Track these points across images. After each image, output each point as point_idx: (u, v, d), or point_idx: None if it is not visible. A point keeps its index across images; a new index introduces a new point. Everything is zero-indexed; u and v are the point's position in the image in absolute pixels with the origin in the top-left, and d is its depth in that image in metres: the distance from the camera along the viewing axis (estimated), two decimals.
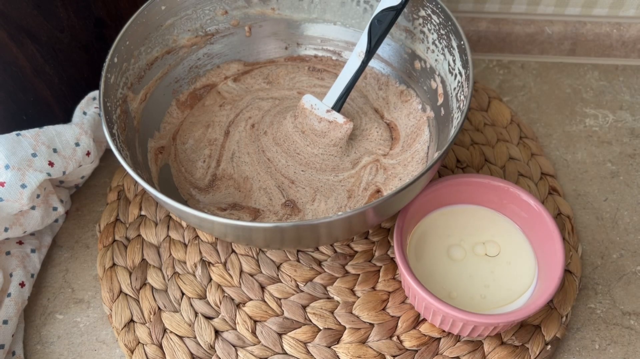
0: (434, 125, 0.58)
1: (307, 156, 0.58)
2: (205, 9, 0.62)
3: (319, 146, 0.58)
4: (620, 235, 0.59)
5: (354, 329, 0.53)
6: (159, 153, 0.59)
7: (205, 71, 0.65)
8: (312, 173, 0.57)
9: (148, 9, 0.57)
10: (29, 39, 0.56)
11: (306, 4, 0.64)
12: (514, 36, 0.73)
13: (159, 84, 0.61)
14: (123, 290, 0.57)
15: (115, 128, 0.51)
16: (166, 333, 0.54)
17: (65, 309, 0.57)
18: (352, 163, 0.58)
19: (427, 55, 0.58)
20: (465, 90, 0.51)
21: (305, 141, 0.58)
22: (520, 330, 0.52)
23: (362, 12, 0.63)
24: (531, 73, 0.74)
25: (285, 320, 0.54)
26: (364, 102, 0.63)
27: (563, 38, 0.72)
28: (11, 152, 0.53)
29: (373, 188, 0.56)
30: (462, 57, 0.52)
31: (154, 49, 0.59)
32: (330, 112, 0.57)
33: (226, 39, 0.65)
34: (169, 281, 0.57)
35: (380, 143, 0.59)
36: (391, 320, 0.53)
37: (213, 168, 0.59)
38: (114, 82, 0.53)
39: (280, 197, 0.56)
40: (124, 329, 0.54)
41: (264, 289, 0.56)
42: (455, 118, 0.52)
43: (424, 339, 0.52)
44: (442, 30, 0.55)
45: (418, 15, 0.57)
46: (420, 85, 0.61)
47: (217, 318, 0.54)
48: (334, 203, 0.55)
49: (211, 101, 0.64)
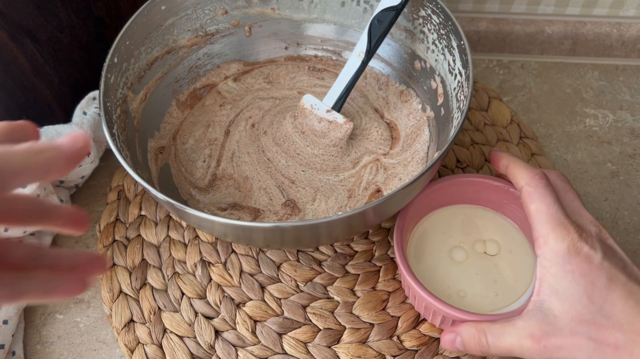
0: (434, 125, 0.58)
1: (307, 156, 0.58)
2: (205, 8, 0.62)
3: (319, 146, 0.58)
4: (620, 235, 0.59)
5: (354, 329, 0.53)
6: (159, 153, 0.59)
7: (205, 71, 0.65)
8: (313, 173, 0.57)
9: (148, 9, 0.57)
10: (29, 39, 0.56)
11: (306, 4, 0.64)
12: (514, 36, 0.73)
13: (159, 84, 0.61)
14: (123, 290, 0.57)
15: (115, 128, 0.51)
16: (166, 333, 0.54)
17: (65, 309, 0.57)
18: (353, 162, 0.58)
19: (427, 55, 0.59)
20: (465, 90, 0.51)
21: (305, 141, 0.58)
22: None
23: (362, 12, 0.63)
24: (531, 73, 0.74)
25: (285, 320, 0.54)
26: (364, 102, 0.63)
27: (563, 38, 0.72)
28: None
29: (373, 187, 0.57)
30: (462, 57, 0.52)
31: (154, 49, 0.59)
32: (330, 112, 0.58)
33: (226, 38, 0.65)
34: (169, 281, 0.57)
35: (381, 142, 0.60)
36: (391, 320, 0.53)
37: (213, 168, 0.59)
38: (114, 82, 0.53)
39: (281, 197, 0.56)
40: (124, 329, 0.54)
41: (264, 289, 0.56)
42: (455, 118, 0.52)
43: (424, 339, 0.52)
44: (442, 30, 0.55)
45: (418, 15, 0.57)
46: (420, 85, 0.61)
47: (217, 318, 0.54)
48: (335, 202, 0.55)
49: (211, 101, 0.64)
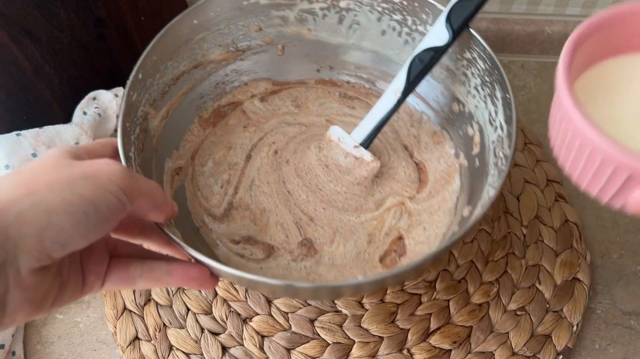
0: (466, 175, 0.55)
1: (330, 193, 0.56)
2: (238, 24, 0.59)
3: (343, 183, 0.55)
4: (620, 235, 0.60)
5: (363, 343, 0.53)
6: (175, 174, 0.57)
7: (232, 88, 0.63)
8: (333, 211, 0.55)
9: (179, 23, 0.54)
10: (29, 39, 0.55)
11: (344, 29, 0.61)
12: (514, 36, 0.73)
13: (182, 100, 0.58)
14: (127, 307, 0.55)
15: (133, 150, 0.48)
16: (172, 350, 0.53)
17: (65, 309, 0.56)
18: (376, 204, 0.55)
19: (466, 98, 0.55)
20: (505, 148, 0.47)
21: (329, 176, 0.56)
22: (531, 340, 0.52)
23: (402, 44, 0.59)
24: (531, 73, 0.74)
25: (293, 335, 0.53)
26: (395, 138, 0.60)
27: (563, 38, 0.70)
28: (11, 152, 0.52)
29: (395, 234, 0.54)
30: (505, 111, 0.49)
31: (181, 64, 0.56)
32: (357, 148, 0.55)
33: (257, 56, 0.62)
34: (174, 297, 0.56)
35: (408, 184, 0.57)
36: (401, 333, 0.53)
37: (230, 196, 0.57)
38: (136, 100, 0.51)
39: (298, 235, 0.54)
40: (129, 347, 0.53)
41: (270, 303, 0.55)
42: (491, 174, 0.49)
43: (435, 351, 0.52)
44: (487, 77, 0.51)
45: (462, 56, 0.54)
46: (456, 129, 0.58)
47: (224, 333, 0.54)
48: (353, 246, 0.53)
49: (235, 120, 0.62)
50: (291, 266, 0.52)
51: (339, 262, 0.53)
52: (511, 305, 0.54)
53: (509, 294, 0.55)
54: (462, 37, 0.52)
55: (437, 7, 0.53)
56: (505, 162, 0.46)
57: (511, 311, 0.54)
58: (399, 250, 0.53)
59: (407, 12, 0.56)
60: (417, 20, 0.56)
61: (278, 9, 0.59)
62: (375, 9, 0.58)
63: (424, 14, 0.55)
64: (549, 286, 0.55)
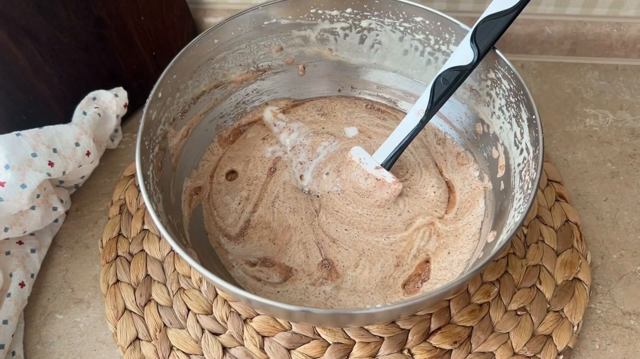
0: (490, 198, 0.54)
1: (349, 215, 0.54)
2: (260, 43, 0.59)
3: (363, 206, 0.55)
4: (620, 235, 0.60)
5: (364, 344, 0.52)
6: (194, 194, 0.57)
7: (253, 107, 0.63)
8: (359, 233, 0.53)
9: (200, 42, 0.54)
10: (29, 39, 0.56)
11: (366, 49, 0.61)
12: (514, 36, 0.73)
13: (202, 119, 0.58)
14: (127, 307, 0.55)
15: (151, 168, 0.48)
16: (173, 350, 0.53)
17: (65, 309, 0.56)
18: (405, 223, 0.54)
19: (491, 120, 0.55)
20: (531, 172, 0.46)
21: (345, 200, 0.55)
22: (532, 340, 0.52)
23: (425, 64, 0.59)
24: (531, 73, 0.74)
25: (293, 335, 0.53)
26: (426, 153, 0.59)
27: (563, 38, 0.72)
28: (11, 152, 0.52)
29: (423, 256, 0.53)
30: (531, 133, 0.48)
31: (201, 83, 0.57)
32: (379, 169, 0.54)
33: (278, 75, 0.62)
34: (174, 297, 0.56)
35: (437, 204, 0.55)
36: (401, 333, 0.53)
37: (247, 213, 0.56)
38: (156, 118, 0.50)
39: (318, 256, 0.53)
40: (129, 347, 0.53)
41: None
42: (517, 199, 0.48)
43: (435, 352, 0.52)
44: (512, 98, 0.51)
45: (487, 76, 0.53)
46: (480, 150, 0.57)
47: (224, 334, 0.54)
48: (380, 271, 0.52)
49: (254, 134, 0.61)
50: (309, 290, 0.52)
51: (361, 288, 0.52)
52: (512, 305, 0.54)
53: (510, 294, 0.55)
54: (487, 56, 0.51)
55: (460, 26, 0.53)
56: (532, 185, 0.45)
57: (512, 311, 0.54)
58: (424, 275, 0.53)
59: (429, 32, 0.56)
60: (440, 39, 0.56)
61: (299, 29, 0.59)
62: (397, 29, 0.58)
63: (447, 34, 0.54)
64: (549, 286, 0.55)
